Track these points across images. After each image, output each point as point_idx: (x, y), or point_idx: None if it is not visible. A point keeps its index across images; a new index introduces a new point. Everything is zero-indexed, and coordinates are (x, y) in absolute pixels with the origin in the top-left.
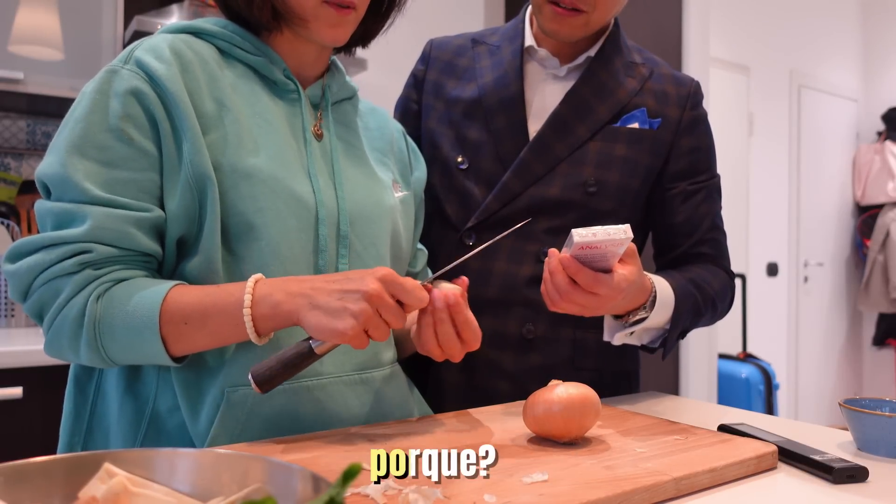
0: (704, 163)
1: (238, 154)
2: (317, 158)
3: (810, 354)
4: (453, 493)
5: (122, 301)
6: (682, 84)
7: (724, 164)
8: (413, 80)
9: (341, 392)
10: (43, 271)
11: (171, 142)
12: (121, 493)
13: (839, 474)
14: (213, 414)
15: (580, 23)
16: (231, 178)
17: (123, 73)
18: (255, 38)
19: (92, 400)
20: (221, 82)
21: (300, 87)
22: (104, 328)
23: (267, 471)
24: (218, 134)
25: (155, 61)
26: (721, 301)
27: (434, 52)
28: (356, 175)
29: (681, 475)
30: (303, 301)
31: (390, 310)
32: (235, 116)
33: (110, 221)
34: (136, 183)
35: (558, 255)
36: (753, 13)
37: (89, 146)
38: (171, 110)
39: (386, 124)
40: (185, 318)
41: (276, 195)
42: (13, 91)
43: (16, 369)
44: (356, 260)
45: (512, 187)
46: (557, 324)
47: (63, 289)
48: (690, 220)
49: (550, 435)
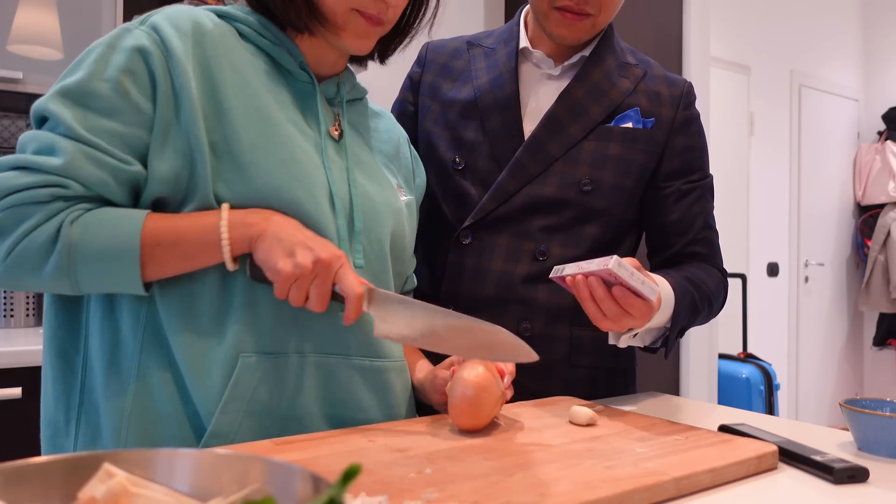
0: (697, 162)
1: (259, 131)
2: (331, 152)
3: (811, 354)
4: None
5: (98, 225)
6: (675, 85)
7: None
8: (409, 82)
9: (349, 374)
10: (11, 193)
11: (171, 105)
12: (120, 493)
13: (840, 475)
14: (224, 380)
15: (588, 26)
16: (251, 155)
17: (136, 32)
18: (276, 30)
19: (81, 375)
20: (244, 58)
21: (316, 82)
22: (78, 253)
23: (266, 471)
24: (239, 107)
25: (169, 27)
26: (716, 300)
27: (430, 54)
28: (366, 173)
29: (681, 475)
30: (270, 228)
31: (320, 286)
32: (257, 92)
33: (89, 163)
34: (121, 136)
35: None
36: (753, 13)
37: (85, 92)
38: (174, 76)
39: (392, 129)
40: (158, 241)
41: (294, 179)
42: (12, 91)
43: (15, 369)
44: (366, 257)
45: (507, 187)
46: (554, 321)
47: (31, 215)
48: (683, 220)
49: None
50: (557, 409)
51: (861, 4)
